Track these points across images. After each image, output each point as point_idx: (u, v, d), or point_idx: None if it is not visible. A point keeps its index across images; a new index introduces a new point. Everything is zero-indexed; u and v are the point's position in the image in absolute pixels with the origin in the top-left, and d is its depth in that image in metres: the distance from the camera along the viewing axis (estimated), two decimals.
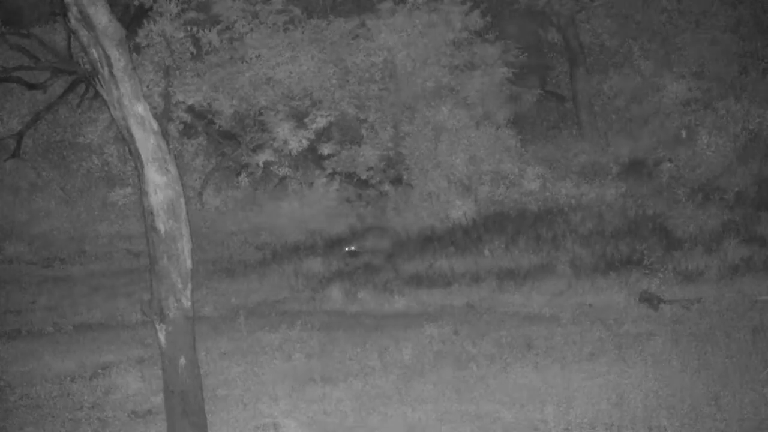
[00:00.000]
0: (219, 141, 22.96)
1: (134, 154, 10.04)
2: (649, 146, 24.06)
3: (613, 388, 12.43)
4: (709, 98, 24.35)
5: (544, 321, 16.41)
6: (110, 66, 9.93)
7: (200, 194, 22.49)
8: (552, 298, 17.84)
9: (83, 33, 9.93)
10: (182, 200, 10.08)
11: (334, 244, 21.95)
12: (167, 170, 9.97)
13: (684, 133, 24.09)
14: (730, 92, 24.18)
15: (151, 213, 10.00)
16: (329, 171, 22.88)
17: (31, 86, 22.23)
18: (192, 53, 21.76)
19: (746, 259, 18.69)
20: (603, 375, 13.04)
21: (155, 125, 10.03)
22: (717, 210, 21.08)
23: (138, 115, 9.90)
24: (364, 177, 22.84)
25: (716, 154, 23.03)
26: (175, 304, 9.94)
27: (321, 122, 22.45)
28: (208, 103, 22.07)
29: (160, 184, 9.95)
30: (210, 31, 21.70)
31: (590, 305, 17.33)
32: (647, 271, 18.58)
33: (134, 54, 10.51)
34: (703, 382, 12.36)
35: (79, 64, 20.36)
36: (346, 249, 21.38)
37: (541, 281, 18.69)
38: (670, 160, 23.53)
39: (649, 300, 17.16)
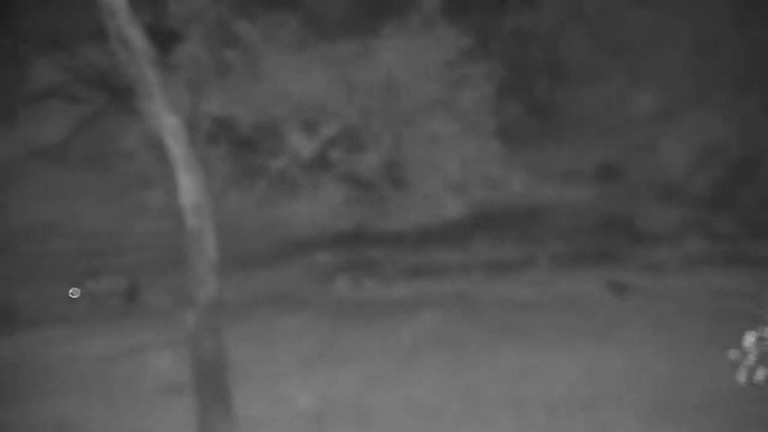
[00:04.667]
0: (240, 148, 22.97)
1: (166, 159, 10.12)
2: (620, 153, 24.06)
3: (588, 367, 12.49)
4: (673, 110, 24.34)
5: (527, 308, 16.48)
6: (145, 82, 10.00)
7: (223, 195, 22.49)
8: (534, 287, 17.90)
9: (122, 53, 10.00)
10: (208, 200, 10.16)
11: (340, 239, 21.98)
12: (195, 174, 10.04)
13: (651, 142, 24.08)
14: (692, 105, 24.16)
15: (182, 213, 10.08)
16: (336, 174, 22.91)
17: (76, 99, 22.38)
18: (216, 71, 21.84)
19: (705, 254, 18.74)
20: (579, 355, 13.10)
21: (184, 134, 10.09)
22: (679, 210, 21.11)
23: (169, 126, 9.97)
24: (367, 180, 22.87)
25: (679, 160, 23.04)
26: (203, 292, 10.01)
27: (329, 131, 22.50)
28: (230, 115, 22.12)
29: (188, 187, 10.02)
30: (232, 51, 21.78)
31: (568, 294, 17.41)
32: (617, 264, 18.65)
33: (166, 72, 10.57)
34: (666, 361, 12.42)
35: (119, 81, 20.41)
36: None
37: (525, 272, 18.74)
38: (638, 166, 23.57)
39: (619, 289, 17.23)
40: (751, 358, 4.13)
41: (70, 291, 17.49)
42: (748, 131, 22.69)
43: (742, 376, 4.16)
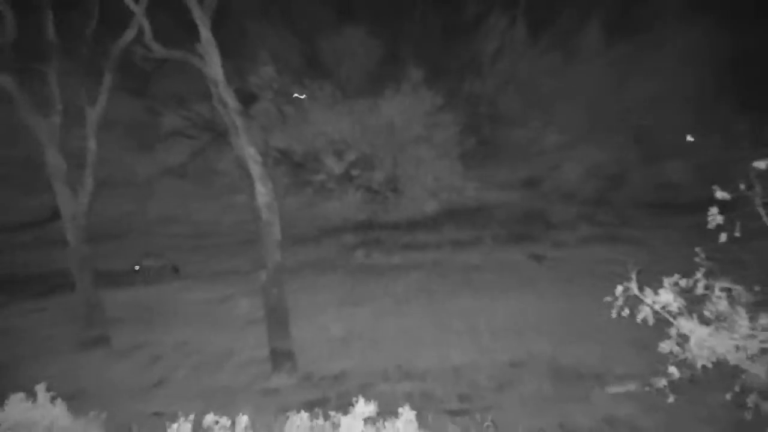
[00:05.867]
0: (295, 168, 22.96)
1: (248, 175, 10.17)
2: (537, 170, 23.98)
3: (518, 309, 12.49)
4: (570, 144, 24.23)
5: (478, 270, 16.45)
6: (235, 127, 10.04)
7: (284, 198, 22.44)
8: (482, 256, 17.89)
9: (221, 108, 10.04)
10: (275, 202, 10.21)
11: (358, 226, 21.95)
12: (266, 185, 10.09)
13: (556, 163, 23.97)
14: (583, 140, 24.04)
15: (258, 209, 10.13)
16: (356, 185, 22.93)
17: (191, 137, 22.54)
18: (280, 119, 21.87)
19: (591, 235, 18.71)
20: (511, 300, 13.10)
21: (259, 159, 10.14)
22: (575, 207, 21.05)
23: (250, 154, 10.01)
24: (375, 188, 22.88)
25: (574, 174, 22.94)
26: (271, 260, 10.06)
27: (351, 157, 22.51)
28: (288, 147, 22.16)
29: (262, 193, 10.06)
30: (290, 107, 21.86)
31: (504, 261, 17.36)
32: (536, 241, 18.63)
33: (248, 120, 10.63)
34: (567, 304, 12.42)
35: (218, 125, 20.44)
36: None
37: (476, 247, 18.72)
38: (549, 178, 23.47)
39: (537, 258, 17.20)
40: (620, 302, 4.17)
41: (135, 266, 17.36)
42: (618, 157, 22.66)
43: (613, 314, 4.19)
